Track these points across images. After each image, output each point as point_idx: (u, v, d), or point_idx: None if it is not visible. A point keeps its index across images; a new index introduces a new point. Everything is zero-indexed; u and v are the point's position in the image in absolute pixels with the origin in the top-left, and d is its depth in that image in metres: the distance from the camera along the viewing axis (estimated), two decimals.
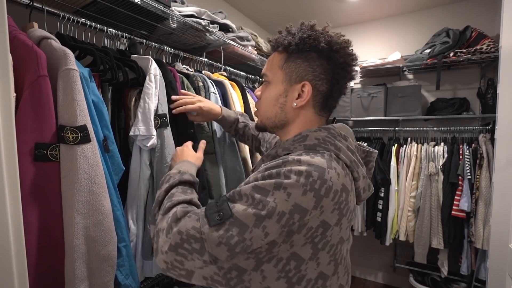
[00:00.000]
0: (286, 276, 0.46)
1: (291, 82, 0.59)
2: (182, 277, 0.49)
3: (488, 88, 1.92)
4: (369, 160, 0.65)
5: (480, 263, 1.75)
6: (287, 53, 0.60)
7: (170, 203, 0.57)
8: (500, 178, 1.10)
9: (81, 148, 0.65)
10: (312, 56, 0.57)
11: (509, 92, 1.07)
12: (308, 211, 0.45)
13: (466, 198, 1.72)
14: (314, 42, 0.56)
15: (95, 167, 0.68)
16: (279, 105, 0.61)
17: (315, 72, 0.57)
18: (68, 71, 0.65)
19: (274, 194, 0.46)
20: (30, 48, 0.63)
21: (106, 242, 0.70)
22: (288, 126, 0.62)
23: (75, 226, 0.64)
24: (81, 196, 0.65)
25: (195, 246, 0.47)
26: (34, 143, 0.62)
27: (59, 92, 0.65)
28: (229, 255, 0.45)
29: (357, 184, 0.56)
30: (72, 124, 0.64)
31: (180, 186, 0.63)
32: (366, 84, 2.52)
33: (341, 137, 0.56)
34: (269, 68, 0.63)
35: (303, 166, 0.47)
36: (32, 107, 0.61)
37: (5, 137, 0.48)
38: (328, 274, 0.49)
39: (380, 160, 2.09)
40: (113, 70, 0.83)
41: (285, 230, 0.44)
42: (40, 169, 0.63)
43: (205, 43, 1.43)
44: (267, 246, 0.45)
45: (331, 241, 0.48)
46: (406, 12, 2.34)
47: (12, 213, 0.49)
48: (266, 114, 0.64)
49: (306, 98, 0.58)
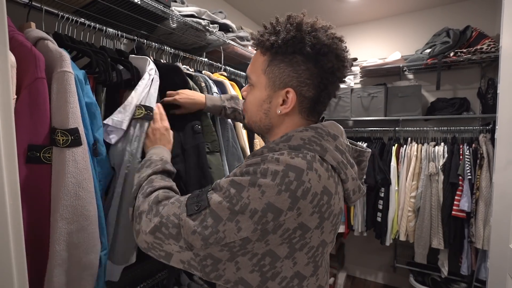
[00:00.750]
0: (260, 270, 0.46)
1: (274, 88, 0.55)
2: (162, 258, 0.51)
3: (488, 88, 1.92)
4: (361, 159, 0.62)
5: (481, 263, 1.75)
6: (270, 55, 0.55)
7: (151, 188, 0.59)
8: (501, 178, 1.10)
9: (71, 151, 0.64)
10: (297, 60, 0.52)
11: (510, 92, 1.07)
12: (283, 212, 0.45)
13: (466, 198, 1.72)
14: (299, 45, 0.51)
15: (84, 172, 0.66)
16: (263, 111, 0.58)
17: (300, 77, 0.53)
18: (63, 73, 0.64)
19: (249, 191, 0.46)
20: (29, 50, 0.62)
21: (89, 249, 0.68)
22: (274, 130, 0.60)
23: (57, 231, 0.63)
24: (67, 201, 0.64)
25: (172, 231, 0.49)
26: (27, 145, 0.61)
27: (53, 94, 0.64)
28: (203, 244, 0.46)
29: (345, 186, 0.54)
30: (63, 127, 0.63)
31: (160, 174, 0.65)
32: (366, 84, 2.52)
33: (329, 136, 0.53)
34: (253, 70, 0.59)
35: (281, 166, 0.47)
36: (29, 108, 0.61)
37: (5, 138, 0.48)
38: (306, 274, 0.49)
39: (380, 160, 2.09)
40: (108, 72, 0.82)
41: (258, 228, 0.44)
42: (32, 171, 0.62)
43: (205, 43, 1.43)
44: (240, 242, 0.45)
45: (311, 243, 0.48)
46: (406, 12, 2.34)
47: (11, 213, 0.49)
48: (252, 118, 0.61)
49: (291, 105, 0.54)
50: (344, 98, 2.27)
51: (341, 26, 2.63)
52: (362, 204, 2.15)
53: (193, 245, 0.46)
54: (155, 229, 0.50)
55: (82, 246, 0.67)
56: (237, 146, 1.22)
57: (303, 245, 0.47)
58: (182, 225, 0.48)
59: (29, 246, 0.61)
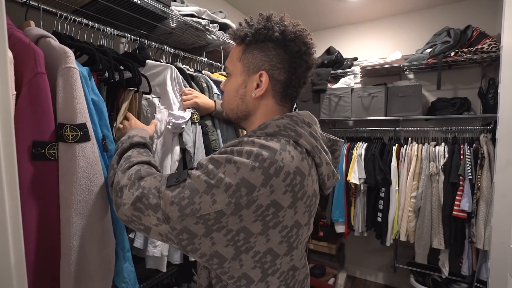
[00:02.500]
0: (234, 244, 0.49)
1: (249, 72, 0.60)
2: (141, 231, 0.53)
3: (489, 88, 1.91)
4: (335, 149, 0.66)
5: (481, 263, 1.75)
6: (245, 45, 0.61)
7: (128, 163, 0.61)
8: (501, 178, 1.10)
9: (81, 147, 0.65)
10: (268, 46, 0.58)
11: (510, 91, 1.06)
12: (256, 187, 0.47)
13: (467, 198, 1.72)
14: (268, 32, 0.57)
15: (94, 166, 0.67)
16: (239, 96, 0.62)
17: (272, 61, 0.58)
18: (68, 69, 0.65)
19: (225, 167, 0.49)
20: (27, 46, 0.62)
21: (105, 244, 0.69)
22: (250, 117, 0.63)
23: (72, 226, 0.63)
24: (80, 196, 0.64)
25: (151, 202, 0.51)
26: (32, 141, 0.61)
27: (59, 90, 0.64)
28: (179, 216, 0.48)
29: (319, 170, 0.57)
30: (72, 122, 0.64)
31: (135, 150, 0.67)
32: (366, 84, 2.51)
33: (304, 123, 0.57)
34: (229, 61, 0.64)
35: (256, 147, 0.50)
36: (30, 105, 0.61)
37: (4, 136, 0.48)
38: (279, 253, 0.51)
39: (381, 160, 2.08)
40: (111, 70, 0.83)
41: (232, 202, 0.47)
42: (38, 168, 0.62)
43: (205, 42, 1.43)
44: (215, 215, 0.47)
45: (284, 222, 0.50)
46: (407, 11, 2.33)
47: (10, 213, 0.49)
48: (229, 106, 0.65)
49: (264, 87, 0.59)
50: (344, 98, 2.27)
51: (341, 26, 2.63)
52: (363, 204, 2.15)
53: (170, 217, 0.49)
54: (136, 200, 0.52)
55: (98, 241, 0.67)
56: None
57: (276, 223, 0.49)
58: (162, 196, 0.50)
59: (38, 242, 0.62)
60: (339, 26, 2.63)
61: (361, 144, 2.22)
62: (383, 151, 2.15)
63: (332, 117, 2.33)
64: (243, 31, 0.60)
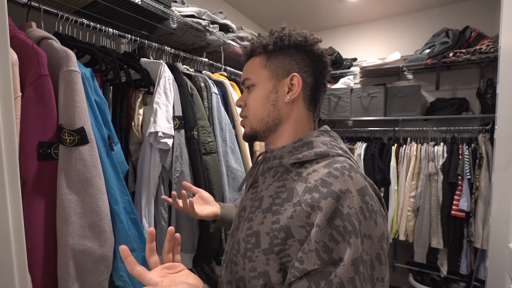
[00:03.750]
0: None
1: (278, 77, 0.58)
2: None
3: (487, 88, 1.92)
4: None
5: (480, 262, 1.76)
6: (266, 54, 0.60)
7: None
8: (500, 178, 1.11)
9: (78, 150, 0.66)
10: (292, 52, 0.58)
11: (508, 92, 1.07)
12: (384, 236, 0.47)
13: (465, 198, 1.73)
14: (291, 38, 0.58)
15: (92, 169, 0.68)
16: (271, 103, 0.59)
17: (299, 65, 0.58)
18: (70, 72, 0.65)
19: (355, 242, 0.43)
20: (30, 47, 0.63)
21: (102, 243, 0.69)
22: (281, 125, 0.59)
23: (70, 225, 0.64)
24: (78, 196, 0.66)
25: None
26: (38, 142, 0.62)
27: (60, 93, 0.65)
28: None
29: None
30: (69, 127, 0.65)
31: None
32: (365, 84, 2.52)
33: (338, 138, 0.58)
34: (250, 72, 0.61)
35: (359, 197, 0.45)
36: (36, 106, 0.62)
37: (6, 137, 0.48)
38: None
39: (380, 160, 2.09)
40: (115, 70, 0.83)
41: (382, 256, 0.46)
42: (45, 167, 0.63)
43: (205, 43, 1.43)
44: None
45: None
46: (406, 12, 2.34)
47: (13, 212, 0.49)
48: (257, 117, 0.60)
49: (298, 89, 0.57)
50: (343, 98, 2.28)
51: (341, 26, 2.63)
52: None
53: None
54: None
55: (96, 240, 0.68)
56: (235, 147, 1.22)
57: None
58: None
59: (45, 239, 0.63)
60: (338, 27, 2.64)
61: (360, 144, 2.23)
62: (382, 151, 2.16)
63: (332, 117, 2.33)
64: (263, 41, 0.59)
